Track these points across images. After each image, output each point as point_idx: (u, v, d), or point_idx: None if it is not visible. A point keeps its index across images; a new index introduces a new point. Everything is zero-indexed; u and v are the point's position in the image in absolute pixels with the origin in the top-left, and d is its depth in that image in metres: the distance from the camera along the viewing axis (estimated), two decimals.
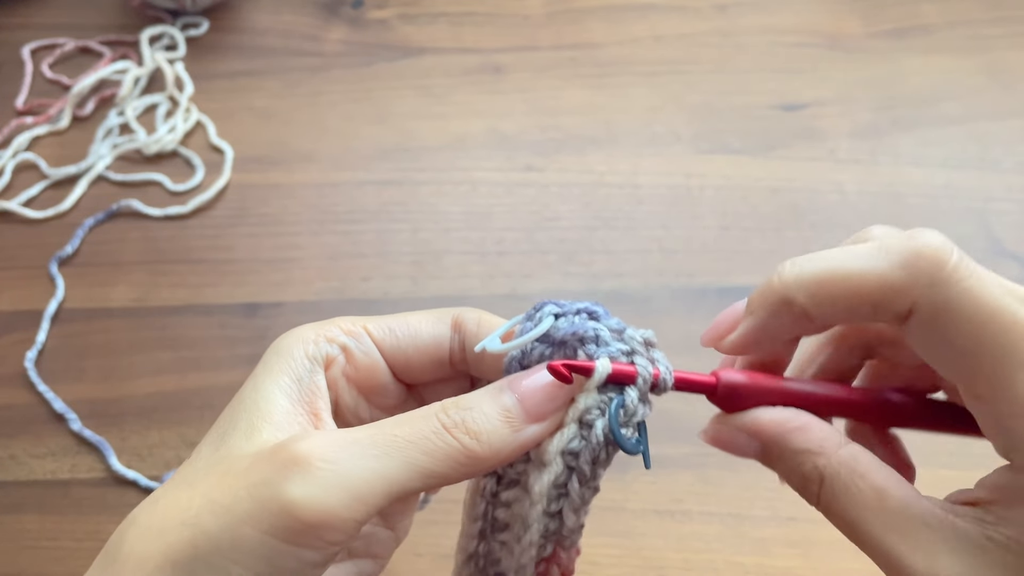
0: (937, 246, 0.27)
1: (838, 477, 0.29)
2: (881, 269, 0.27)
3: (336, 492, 0.27)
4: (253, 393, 0.31)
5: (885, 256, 0.27)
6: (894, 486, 0.28)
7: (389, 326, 0.35)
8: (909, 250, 0.27)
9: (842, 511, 0.29)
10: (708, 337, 0.32)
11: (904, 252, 0.27)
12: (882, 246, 0.28)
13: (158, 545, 0.27)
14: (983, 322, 0.26)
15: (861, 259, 0.28)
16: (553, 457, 0.30)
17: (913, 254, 0.27)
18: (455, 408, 0.29)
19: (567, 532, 0.32)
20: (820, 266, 0.28)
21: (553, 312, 0.32)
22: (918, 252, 0.27)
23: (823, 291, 0.28)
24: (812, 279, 0.28)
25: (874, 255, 0.27)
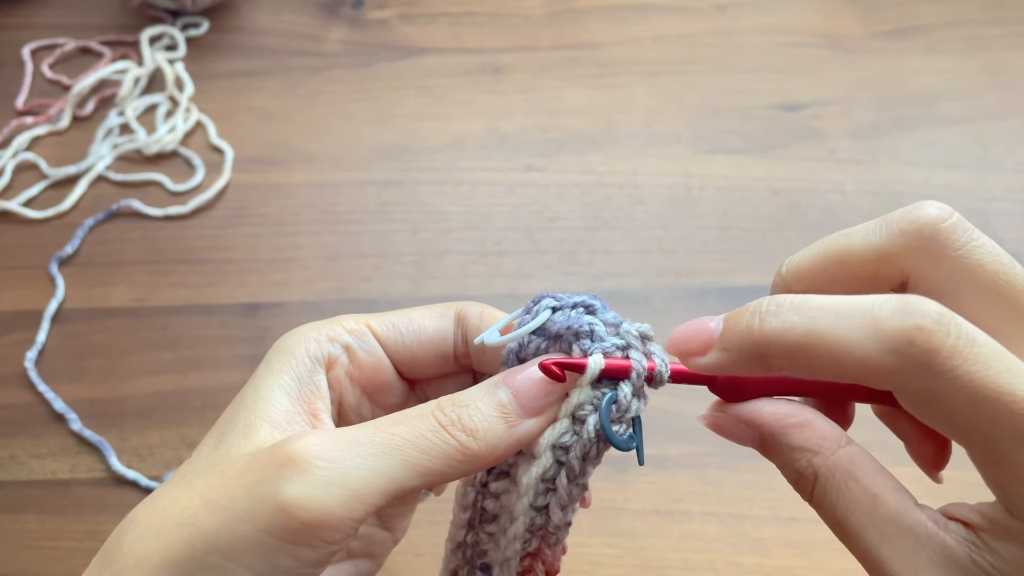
0: (932, 328, 0.24)
1: (832, 477, 0.29)
2: (869, 350, 0.25)
3: (334, 491, 0.27)
4: (253, 392, 0.31)
5: (875, 336, 0.25)
6: (888, 492, 0.28)
7: (392, 322, 0.34)
8: (902, 334, 0.25)
9: (832, 510, 0.29)
10: (674, 349, 0.30)
11: (897, 336, 0.25)
12: (874, 321, 0.25)
13: (156, 544, 0.27)
14: (976, 408, 0.25)
15: (851, 332, 0.25)
16: (543, 450, 0.30)
17: (905, 340, 0.24)
18: (451, 405, 0.29)
19: (552, 528, 0.32)
20: (804, 330, 0.26)
21: (550, 305, 0.32)
22: (910, 339, 0.24)
23: (803, 358, 0.26)
24: (793, 345, 0.26)
25: (865, 331, 0.25)
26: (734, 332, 0.28)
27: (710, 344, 0.28)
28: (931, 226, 0.28)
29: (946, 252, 0.27)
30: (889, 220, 0.28)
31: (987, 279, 0.27)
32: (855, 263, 0.29)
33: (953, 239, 0.27)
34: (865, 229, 0.29)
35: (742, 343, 0.27)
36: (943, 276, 0.28)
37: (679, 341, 0.29)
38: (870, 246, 0.29)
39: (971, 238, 0.28)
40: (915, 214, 0.28)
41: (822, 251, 0.30)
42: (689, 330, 0.29)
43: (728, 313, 0.28)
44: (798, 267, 0.31)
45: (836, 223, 0.74)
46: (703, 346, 0.28)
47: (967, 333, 0.25)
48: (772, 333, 0.26)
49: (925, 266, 0.28)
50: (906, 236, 0.28)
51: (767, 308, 0.27)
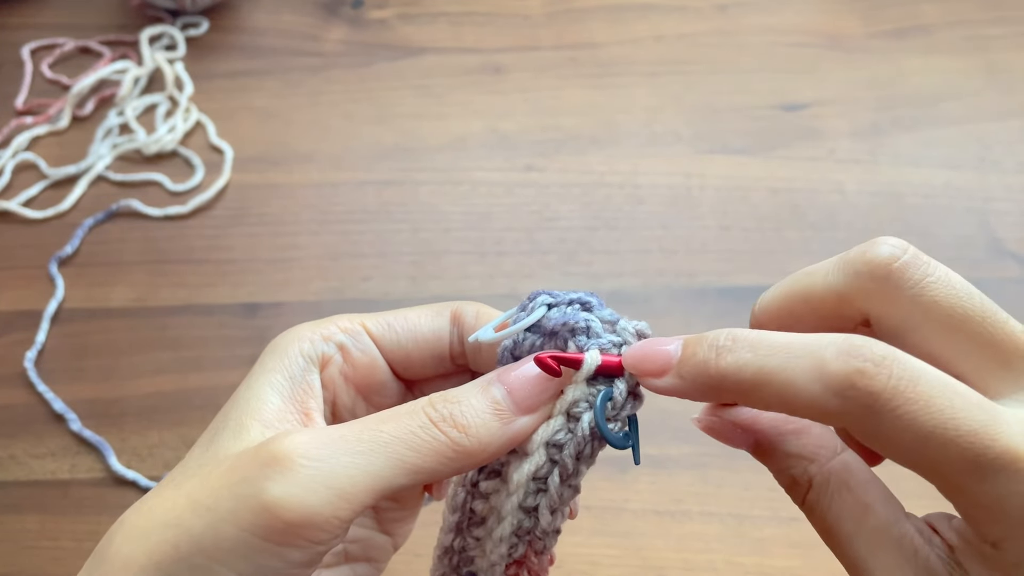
0: (872, 372, 0.25)
1: (826, 485, 0.29)
2: (815, 392, 0.25)
3: (318, 490, 0.26)
4: (246, 392, 0.31)
5: (820, 378, 0.25)
6: (879, 503, 0.28)
7: (388, 322, 0.34)
8: (844, 377, 0.25)
9: (823, 517, 0.29)
10: (632, 368, 0.30)
11: (839, 379, 0.25)
12: (819, 363, 0.25)
13: (142, 546, 0.27)
14: (922, 445, 0.25)
15: (798, 373, 0.25)
16: (536, 447, 0.30)
17: (847, 383, 0.25)
18: (442, 402, 0.29)
19: (540, 533, 0.31)
20: (755, 368, 0.26)
21: (546, 302, 0.32)
22: (852, 383, 0.25)
23: (754, 396, 0.27)
24: (745, 383, 0.26)
25: (811, 372, 0.25)
26: (691, 363, 0.28)
27: (667, 368, 0.28)
28: (884, 267, 0.27)
29: (900, 292, 0.27)
30: (846, 260, 0.28)
31: (943, 315, 0.27)
32: (817, 303, 0.29)
33: (906, 278, 0.27)
34: (825, 269, 0.29)
35: (697, 375, 0.27)
36: (901, 315, 0.27)
37: (637, 360, 0.29)
38: (829, 287, 0.29)
39: (925, 274, 0.27)
40: (868, 255, 0.28)
41: (787, 290, 0.30)
42: (648, 350, 0.29)
43: (687, 339, 0.28)
44: (768, 305, 0.31)
45: (836, 223, 0.74)
46: (660, 369, 0.28)
47: (909, 373, 0.25)
48: (726, 370, 0.27)
49: (882, 307, 0.28)
50: (860, 278, 0.28)
51: (723, 343, 0.27)
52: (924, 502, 0.29)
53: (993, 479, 0.24)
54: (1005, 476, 0.24)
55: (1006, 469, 0.24)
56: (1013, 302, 0.68)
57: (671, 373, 0.28)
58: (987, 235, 0.73)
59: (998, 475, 0.24)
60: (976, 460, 0.24)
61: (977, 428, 0.24)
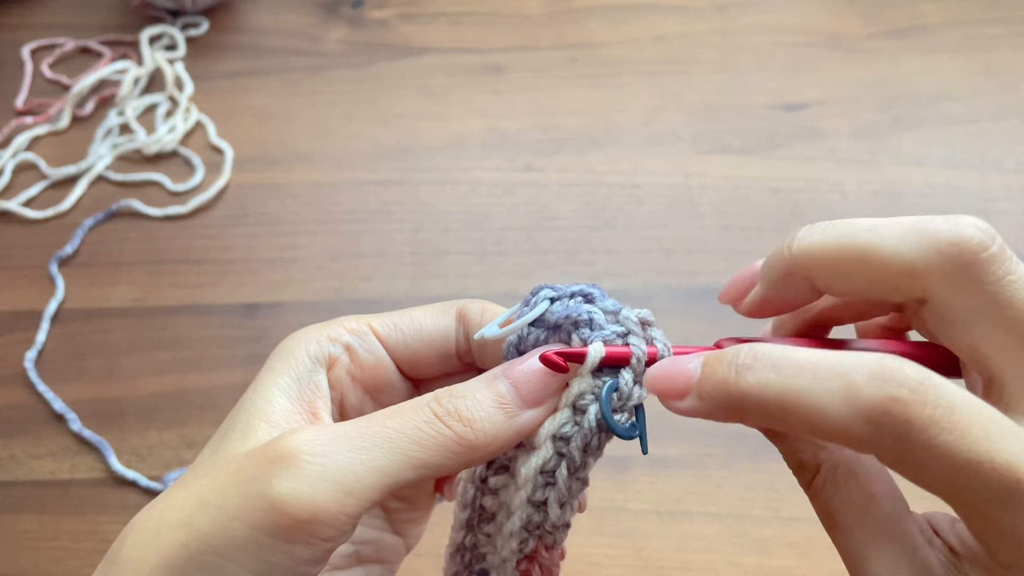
0: (908, 399, 0.24)
1: (833, 472, 0.29)
2: (844, 417, 0.24)
3: (325, 487, 0.26)
4: (253, 394, 0.31)
5: (850, 403, 0.24)
6: (884, 496, 0.28)
7: (394, 322, 0.34)
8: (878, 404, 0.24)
9: (827, 503, 0.29)
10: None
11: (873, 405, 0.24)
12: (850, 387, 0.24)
13: (153, 547, 0.27)
14: (953, 475, 0.24)
15: (827, 396, 0.25)
16: (543, 441, 0.30)
17: (881, 411, 0.24)
18: (448, 397, 0.29)
19: (550, 527, 0.31)
20: (780, 390, 0.25)
21: (549, 296, 0.32)
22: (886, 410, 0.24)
23: (779, 418, 0.26)
24: (769, 404, 0.25)
25: (841, 396, 0.24)
26: (710, 382, 0.27)
27: (688, 389, 0.27)
28: (972, 253, 0.26)
29: (979, 284, 0.26)
30: (925, 231, 0.26)
31: (1011, 317, 0.26)
32: (877, 268, 0.27)
33: (990, 272, 0.26)
34: (897, 232, 0.27)
35: (718, 395, 0.26)
36: (969, 306, 0.26)
37: (658, 382, 0.28)
38: (899, 256, 0.27)
39: (1008, 271, 0.26)
40: (956, 234, 0.26)
41: (843, 242, 0.28)
42: (669, 371, 0.28)
43: (707, 357, 0.27)
44: (811, 249, 0.29)
45: None
46: (681, 391, 0.28)
47: (945, 401, 0.24)
48: (748, 391, 0.26)
49: (952, 294, 0.26)
50: (941, 257, 0.26)
51: (743, 361, 0.26)
52: (928, 501, 0.29)
53: (1021, 510, 0.24)
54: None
55: None
56: None
57: (691, 394, 0.27)
58: None
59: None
60: (1010, 491, 0.23)
61: (1012, 460, 0.23)
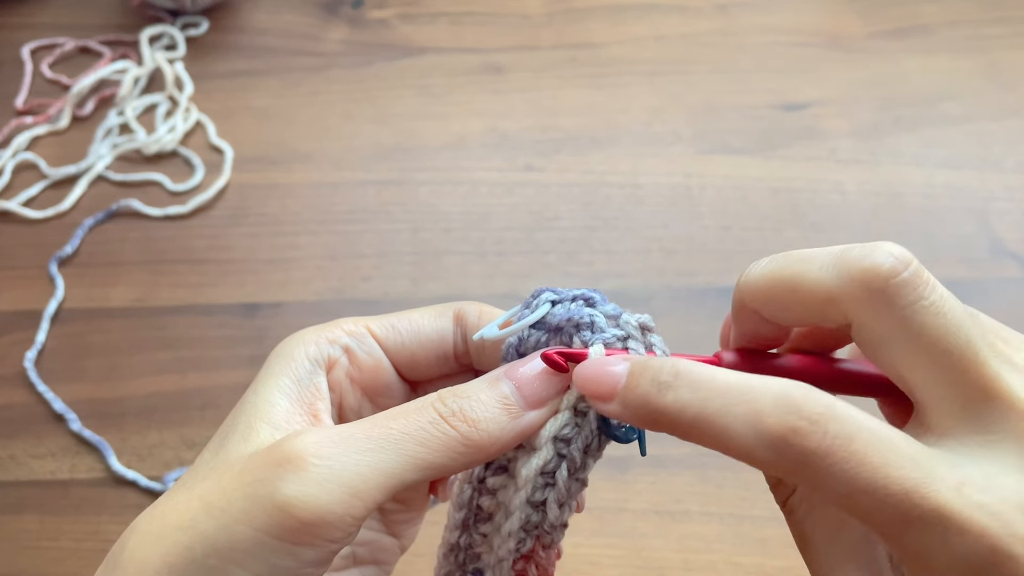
0: (807, 431, 0.25)
1: (810, 494, 0.29)
2: (750, 443, 0.25)
3: (331, 489, 0.26)
4: (253, 396, 0.31)
5: (755, 430, 0.25)
6: (858, 523, 0.28)
7: (392, 324, 0.34)
8: (778, 434, 0.25)
9: (800, 522, 0.30)
10: (581, 388, 0.30)
11: (773, 434, 0.25)
12: (756, 414, 0.25)
13: (156, 550, 0.27)
14: (854, 501, 0.25)
15: (735, 422, 0.25)
16: (544, 442, 0.30)
17: (782, 440, 0.25)
18: (452, 397, 0.29)
19: (548, 527, 0.31)
20: (695, 412, 0.26)
21: (550, 299, 0.32)
22: (786, 440, 0.25)
23: (693, 437, 0.26)
24: (684, 424, 0.26)
25: (747, 423, 0.25)
26: (633, 393, 0.27)
27: (613, 394, 0.28)
28: (881, 279, 0.26)
29: (892, 309, 0.26)
30: (843, 260, 0.27)
31: (925, 343, 0.26)
32: (805, 296, 0.28)
33: (901, 296, 0.26)
34: (820, 262, 0.28)
35: (638, 408, 0.27)
36: (884, 331, 0.27)
37: (585, 380, 0.29)
38: (820, 284, 0.28)
39: (920, 296, 0.26)
40: (868, 261, 0.27)
41: (776, 274, 0.29)
42: (596, 372, 0.29)
43: (632, 365, 0.28)
44: (754, 284, 0.30)
45: (836, 223, 0.74)
46: (606, 393, 0.28)
47: (845, 431, 0.24)
48: (666, 408, 0.26)
49: (868, 318, 0.27)
50: (854, 284, 0.27)
51: (664, 379, 0.27)
52: None
53: (921, 533, 0.24)
54: (931, 532, 0.24)
55: (933, 526, 0.24)
56: (1013, 302, 0.69)
57: (616, 400, 0.28)
58: (987, 235, 0.73)
59: (926, 530, 0.24)
60: (905, 516, 0.24)
61: (909, 488, 0.24)
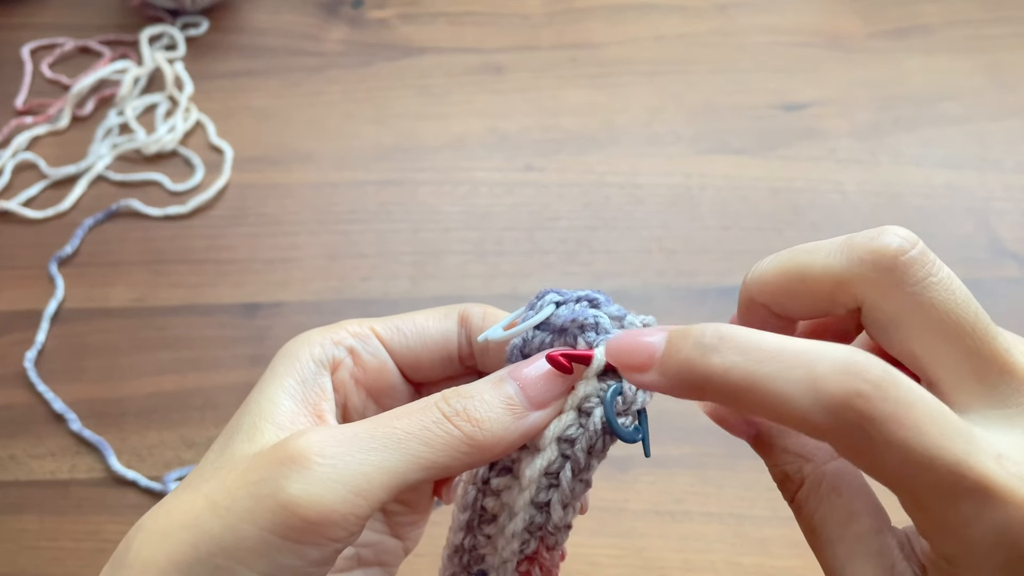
0: (870, 394, 0.24)
1: (817, 486, 0.29)
2: (807, 407, 0.25)
3: (336, 488, 0.27)
4: (258, 396, 0.31)
5: (814, 394, 0.24)
6: (866, 512, 0.28)
7: (396, 325, 0.35)
8: (841, 397, 0.24)
9: (810, 516, 0.29)
10: (615, 360, 0.30)
11: (835, 398, 0.24)
12: (814, 378, 0.25)
13: (161, 548, 0.27)
14: (906, 468, 0.24)
15: (790, 385, 0.25)
16: (548, 443, 0.30)
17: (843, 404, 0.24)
18: (456, 397, 0.29)
19: (552, 528, 0.31)
20: (744, 373, 0.25)
21: (554, 300, 0.32)
22: (848, 404, 0.24)
23: (741, 402, 0.26)
24: (732, 387, 0.25)
25: (804, 386, 0.25)
26: (674, 359, 0.26)
27: (650, 363, 0.27)
28: (890, 258, 0.27)
29: (901, 287, 0.27)
30: (851, 244, 0.28)
31: (937, 319, 0.27)
32: (814, 283, 0.28)
33: (910, 274, 0.27)
34: (827, 249, 0.28)
35: (681, 373, 0.26)
36: (894, 310, 0.27)
37: (619, 352, 0.28)
38: (828, 270, 0.28)
39: (928, 273, 0.27)
40: (876, 243, 0.27)
41: (784, 266, 0.29)
42: (631, 342, 0.28)
43: (671, 332, 0.27)
44: (762, 278, 0.30)
45: (836, 223, 0.74)
46: (642, 363, 0.27)
47: (905, 398, 0.24)
48: (712, 372, 0.25)
49: (878, 298, 0.27)
50: (864, 265, 0.27)
51: (709, 341, 0.26)
52: None
53: (962, 504, 0.24)
54: (974, 503, 0.24)
55: (976, 497, 0.24)
56: (1013, 302, 0.69)
57: (654, 369, 0.27)
58: (987, 235, 0.73)
59: (968, 501, 0.24)
60: (953, 487, 0.24)
61: (959, 456, 0.24)
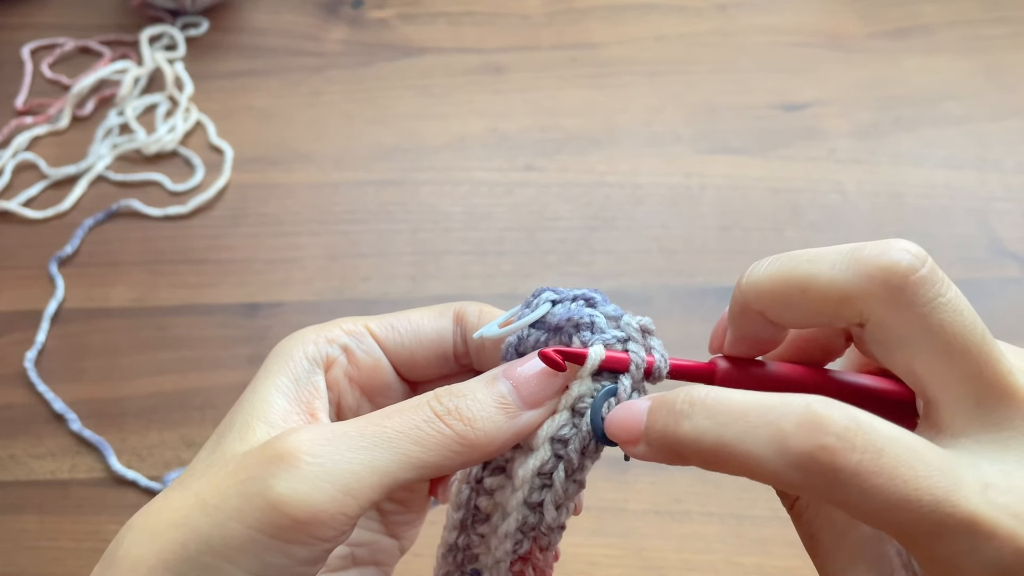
0: (835, 447, 0.24)
1: None
2: (777, 465, 0.25)
3: (324, 487, 0.26)
4: (251, 395, 0.31)
5: (780, 452, 0.25)
6: None
7: (391, 323, 0.34)
8: (806, 453, 0.24)
9: (809, 524, 0.29)
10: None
11: (801, 454, 0.24)
12: (780, 435, 0.25)
13: (151, 547, 0.27)
14: (885, 515, 0.24)
15: (758, 445, 0.25)
16: (541, 443, 0.30)
17: (809, 459, 0.24)
18: (448, 396, 0.29)
19: (545, 528, 0.31)
20: (714, 438, 0.26)
21: (550, 298, 0.32)
22: (814, 458, 0.24)
23: (716, 465, 0.26)
24: (706, 452, 0.26)
25: (772, 445, 0.25)
26: (654, 430, 0.27)
27: (639, 436, 0.28)
28: (900, 276, 0.26)
29: (912, 306, 0.26)
30: (858, 258, 0.27)
31: (944, 340, 0.26)
32: (816, 296, 0.28)
33: (920, 293, 0.26)
34: (831, 260, 0.27)
35: (661, 443, 0.27)
36: (901, 329, 0.27)
37: (615, 429, 0.29)
38: (834, 283, 0.27)
39: (938, 293, 0.26)
40: (885, 258, 0.26)
41: (784, 274, 0.29)
42: (624, 417, 0.28)
43: (653, 403, 0.28)
44: (758, 285, 0.30)
45: (836, 223, 0.74)
46: (635, 438, 0.28)
47: (873, 445, 0.24)
48: (685, 439, 0.26)
49: (885, 316, 0.27)
50: (872, 282, 0.26)
51: (680, 408, 0.26)
52: None
53: (952, 542, 0.24)
54: (961, 540, 0.24)
55: (964, 534, 0.24)
56: (1013, 302, 0.69)
57: (642, 441, 0.28)
58: (987, 235, 0.73)
59: (957, 539, 0.24)
60: (937, 527, 0.24)
61: (940, 497, 0.24)
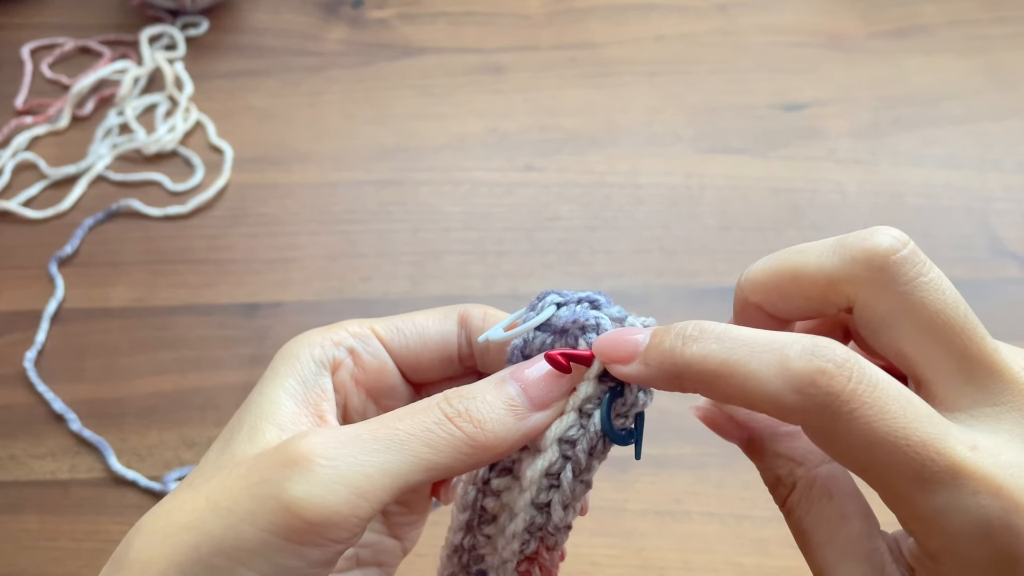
0: (833, 372, 0.25)
1: (808, 490, 0.30)
2: (776, 387, 0.26)
3: (338, 489, 0.27)
4: (259, 397, 0.31)
5: (782, 374, 0.26)
6: (857, 516, 0.29)
7: (396, 325, 0.35)
8: (806, 375, 0.25)
9: (800, 520, 0.30)
10: (601, 354, 0.31)
11: (801, 376, 0.25)
12: (783, 360, 0.26)
13: (162, 550, 0.27)
14: (872, 450, 0.25)
15: (761, 367, 0.26)
16: (549, 444, 0.30)
17: (808, 381, 0.25)
18: (458, 398, 0.29)
19: (553, 529, 0.31)
20: (720, 359, 0.27)
21: (555, 301, 0.32)
22: (813, 381, 0.25)
23: (716, 386, 0.27)
24: (709, 372, 0.27)
25: (774, 368, 0.26)
26: (657, 350, 0.28)
27: (633, 355, 0.29)
28: (881, 257, 0.27)
29: (892, 286, 0.27)
30: (843, 244, 0.28)
31: (926, 318, 0.27)
32: (806, 283, 0.29)
33: (901, 273, 0.27)
34: (819, 249, 0.29)
35: (662, 362, 0.28)
36: (885, 308, 0.28)
37: (605, 346, 0.30)
38: (821, 269, 0.29)
39: (919, 273, 0.27)
40: (868, 242, 0.28)
41: (777, 266, 0.30)
42: (617, 338, 0.30)
43: (655, 329, 0.29)
44: (755, 279, 0.31)
45: (836, 223, 0.74)
46: (627, 356, 0.29)
47: (868, 378, 0.25)
48: (691, 359, 0.27)
49: (869, 297, 0.28)
50: (855, 265, 0.28)
51: (690, 333, 0.28)
52: None
53: (935, 492, 0.24)
54: (947, 491, 0.24)
55: (948, 484, 0.24)
56: (1013, 302, 0.69)
57: (637, 360, 0.29)
58: (987, 235, 0.73)
59: (940, 489, 0.24)
60: (921, 471, 0.24)
61: (925, 439, 0.24)
